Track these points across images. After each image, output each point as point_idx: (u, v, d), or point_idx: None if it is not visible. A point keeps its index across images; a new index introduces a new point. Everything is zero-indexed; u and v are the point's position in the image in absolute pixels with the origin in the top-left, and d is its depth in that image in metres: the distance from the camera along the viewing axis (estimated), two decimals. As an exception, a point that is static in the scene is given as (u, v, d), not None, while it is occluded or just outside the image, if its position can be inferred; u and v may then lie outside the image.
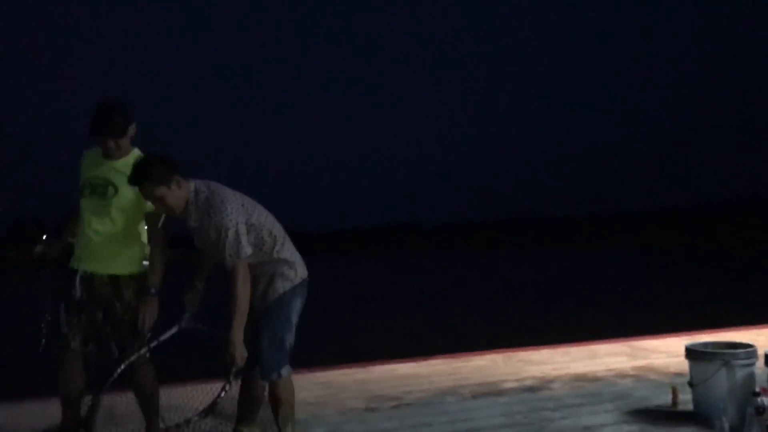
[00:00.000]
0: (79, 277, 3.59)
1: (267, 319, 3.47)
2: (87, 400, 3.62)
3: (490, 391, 4.96)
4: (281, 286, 3.49)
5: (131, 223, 3.60)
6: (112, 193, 3.53)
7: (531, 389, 4.97)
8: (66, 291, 3.62)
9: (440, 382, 5.39)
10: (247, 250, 3.37)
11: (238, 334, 3.29)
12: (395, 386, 5.31)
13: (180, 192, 3.36)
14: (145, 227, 3.65)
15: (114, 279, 3.58)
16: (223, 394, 3.53)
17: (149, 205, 3.48)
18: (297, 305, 3.53)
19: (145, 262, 3.64)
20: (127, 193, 3.52)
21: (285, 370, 3.47)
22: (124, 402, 3.94)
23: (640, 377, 5.21)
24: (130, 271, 3.60)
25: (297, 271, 3.56)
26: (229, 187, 3.52)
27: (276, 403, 3.51)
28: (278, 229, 3.57)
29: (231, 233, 3.32)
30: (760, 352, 4.02)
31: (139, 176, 3.30)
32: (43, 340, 3.65)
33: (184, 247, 4.04)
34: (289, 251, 3.57)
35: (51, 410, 3.92)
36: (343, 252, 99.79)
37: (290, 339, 3.50)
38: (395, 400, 4.85)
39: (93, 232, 3.58)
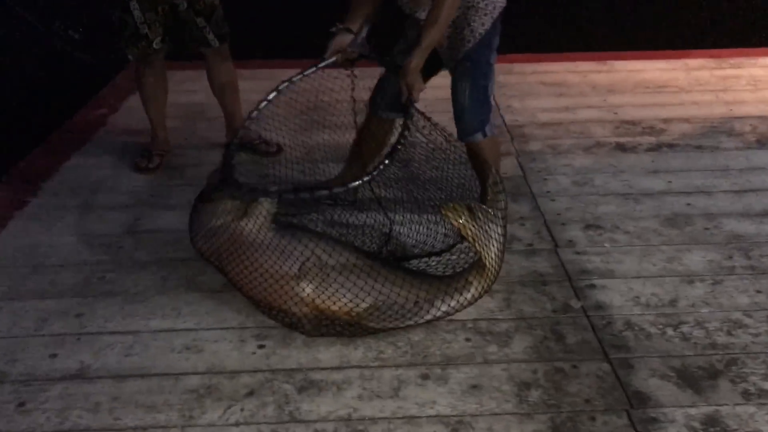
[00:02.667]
0: None
1: (463, 69, 2.80)
2: None
3: (779, 133, 3.82)
4: (479, 25, 2.75)
5: None
6: None
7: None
8: None
9: (707, 104, 4.23)
10: None
11: (419, 60, 2.61)
12: (645, 104, 4.24)
13: None
14: None
15: None
16: (402, 141, 2.67)
17: None
18: (496, 42, 2.82)
19: None
20: None
21: (489, 128, 2.85)
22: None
23: None
24: None
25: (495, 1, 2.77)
26: None
27: (481, 166, 2.77)
28: None
29: None
30: None
31: None
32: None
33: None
34: None
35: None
36: None
37: (492, 86, 2.86)
38: (650, 133, 3.86)
39: None
